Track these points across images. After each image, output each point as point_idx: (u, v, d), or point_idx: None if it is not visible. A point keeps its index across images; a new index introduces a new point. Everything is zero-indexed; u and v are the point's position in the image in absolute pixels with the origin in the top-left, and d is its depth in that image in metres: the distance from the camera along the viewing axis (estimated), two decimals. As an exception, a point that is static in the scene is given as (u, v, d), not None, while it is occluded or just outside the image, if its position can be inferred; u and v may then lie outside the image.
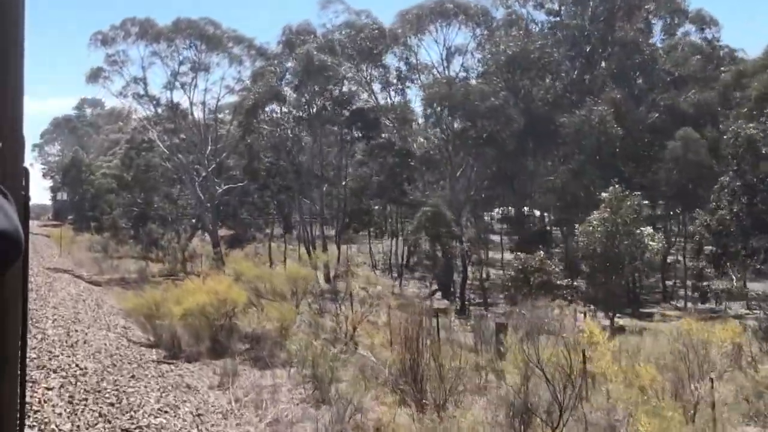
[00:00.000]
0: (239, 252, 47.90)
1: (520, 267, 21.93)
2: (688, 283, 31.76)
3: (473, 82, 30.23)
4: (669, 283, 33.75)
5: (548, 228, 33.30)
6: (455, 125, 29.16)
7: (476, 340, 15.00)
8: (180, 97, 39.71)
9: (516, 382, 10.24)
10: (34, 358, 12.97)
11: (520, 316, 15.48)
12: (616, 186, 22.93)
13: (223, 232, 58.51)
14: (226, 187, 42.04)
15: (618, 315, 22.83)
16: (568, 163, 28.12)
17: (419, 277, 41.54)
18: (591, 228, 21.91)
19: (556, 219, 32.02)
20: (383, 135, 33.57)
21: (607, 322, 21.49)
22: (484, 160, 28.74)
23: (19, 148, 1.74)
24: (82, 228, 79.32)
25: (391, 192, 33.83)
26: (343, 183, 34.53)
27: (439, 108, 28.20)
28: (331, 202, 35.11)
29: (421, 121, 34.42)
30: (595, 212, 22.64)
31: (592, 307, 21.78)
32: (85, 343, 15.85)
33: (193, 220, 51.95)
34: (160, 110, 39.25)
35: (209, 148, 39.47)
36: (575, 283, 22.22)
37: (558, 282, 20.71)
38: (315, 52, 30.35)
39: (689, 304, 29.80)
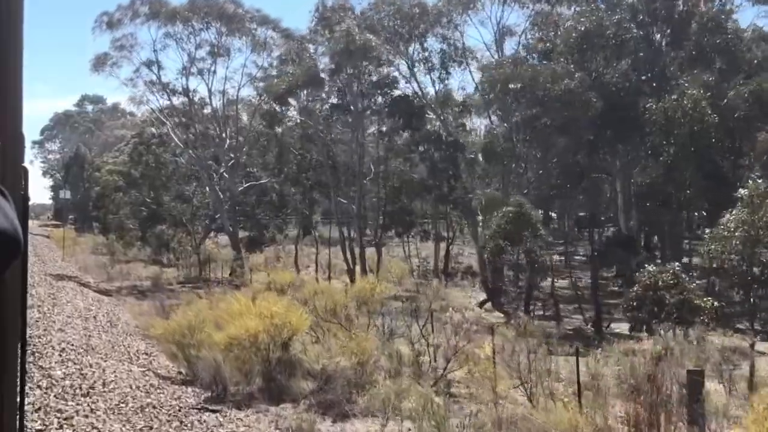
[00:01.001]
0: (259, 255, 44.08)
1: (649, 282, 18.02)
2: None
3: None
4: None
5: (636, 233, 29.47)
6: (517, 113, 25.23)
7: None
8: (197, 85, 35.74)
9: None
10: (40, 419, 9.13)
11: (683, 349, 11.69)
12: (758, 180, 19.15)
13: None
14: (248, 184, 38.15)
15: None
16: (656, 156, 24.26)
17: (459, 284, 37.70)
18: (727, 233, 18.01)
19: (641, 221, 28.22)
20: (426, 126, 29.73)
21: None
22: (555, 152, 24.98)
23: (18, 147, 1.74)
24: (84, 228, 75.55)
25: (436, 189, 30.02)
26: (382, 179, 30.69)
27: (501, 93, 24.40)
28: (365, 201, 31.16)
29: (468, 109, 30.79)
30: (728, 212, 18.75)
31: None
32: (104, 386, 11.96)
33: (206, 221, 48.05)
34: (174, 99, 35.37)
35: (228, 141, 35.59)
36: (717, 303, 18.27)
37: (697, 302, 16.91)
38: (356, 30, 26.50)
39: None
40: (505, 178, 26.24)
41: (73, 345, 14.96)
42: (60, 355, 13.53)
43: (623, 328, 27.02)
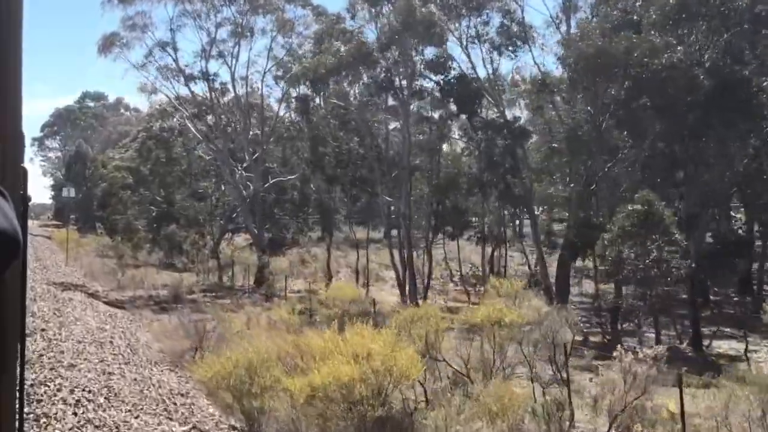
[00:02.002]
0: (281, 259, 40.25)
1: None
2: None
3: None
4: None
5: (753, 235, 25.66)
6: (608, 93, 21.19)
7: None
8: (217, 68, 31.83)
9: None
10: None
11: None
12: None
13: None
14: (274, 180, 34.23)
15: None
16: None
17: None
18: None
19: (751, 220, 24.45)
20: (480, 112, 25.82)
21: None
22: (653, 139, 21.07)
23: (17, 147, 1.74)
24: (87, 229, 71.55)
25: (493, 185, 26.22)
26: (432, 173, 26.80)
27: (588, 69, 20.52)
28: (410, 199, 27.20)
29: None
30: None
31: None
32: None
33: (221, 221, 44.20)
34: (192, 86, 31.37)
35: (252, 133, 31.66)
36: None
37: None
38: (417, 2, 22.61)
39: None
40: (589, 169, 22.29)
41: (90, 391, 11.10)
42: (75, 413, 9.68)
43: (727, 347, 23.15)
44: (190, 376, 15.21)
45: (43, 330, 15.74)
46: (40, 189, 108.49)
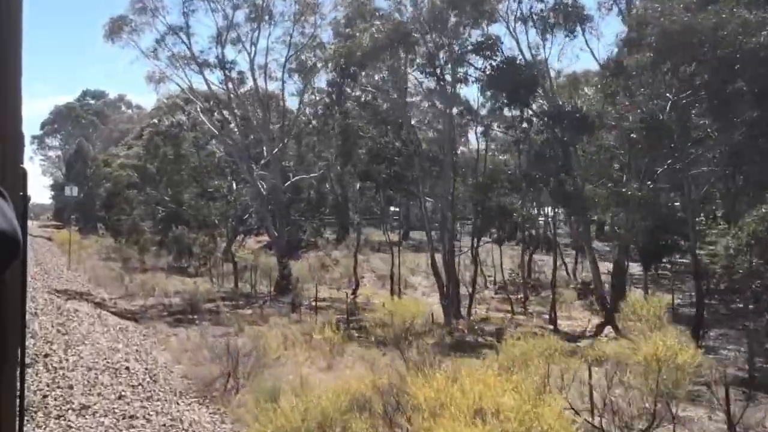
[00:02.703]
0: (299, 263, 37.61)
1: None
2: None
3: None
4: None
5: None
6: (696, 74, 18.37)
7: None
8: (235, 55, 29.07)
9: None
10: None
11: None
12: None
13: (261, 237, 48.17)
14: (296, 178, 31.43)
15: None
16: None
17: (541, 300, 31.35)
18: None
19: None
20: (532, 101, 23.11)
21: None
22: (748, 128, 18.40)
23: (17, 147, 1.76)
24: (88, 230, 68.78)
25: (545, 182, 23.57)
26: (474, 170, 24.18)
27: (665, 48, 17.88)
28: (448, 199, 24.44)
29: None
30: None
31: None
32: None
33: (232, 222, 41.55)
34: (207, 74, 28.61)
35: (272, 126, 28.89)
36: None
37: None
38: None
39: None
40: (678, 159, 19.39)
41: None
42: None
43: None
44: (225, 411, 12.58)
45: (47, 356, 13.11)
46: (39, 189, 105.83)
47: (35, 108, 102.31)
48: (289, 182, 30.50)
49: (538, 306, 29.60)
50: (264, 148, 29.72)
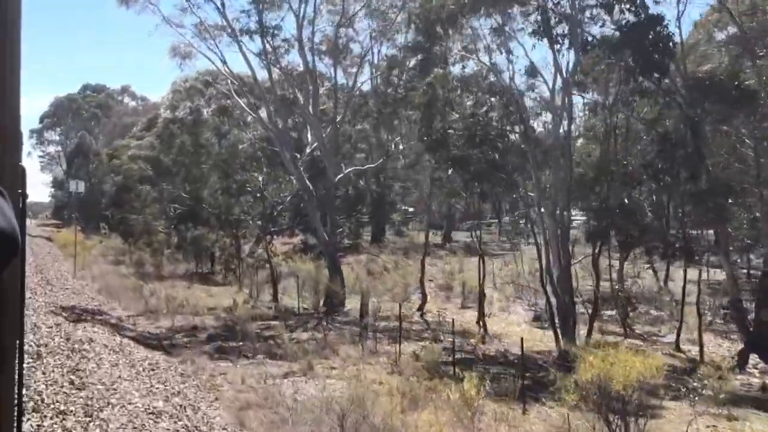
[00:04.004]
0: (345, 270, 32.62)
1: None
2: None
3: None
4: None
5: None
6: None
7: None
8: (279, 20, 23.75)
9: None
10: None
11: None
12: None
13: (284, 238, 43.06)
14: (351, 169, 26.25)
15: None
16: None
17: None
18: None
19: None
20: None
21: None
22: None
23: (15, 145, 1.75)
24: (90, 229, 63.41)
25: (674, 174, 18.58)
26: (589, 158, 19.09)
27: None
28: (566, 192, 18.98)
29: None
30: None
31: None
32: None
33: (258, 221, 36.53)
34: (245, 40, 23.14)
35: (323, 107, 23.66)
36: None
37: None
38: None
39: None
40: None
41: None
42: None
43: None
44: None
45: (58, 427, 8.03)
46: (37, 186, 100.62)
47: (34, 107, 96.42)
48: (342, 174, 25.29)
49: (647, 326, 24.57)
50: (309, 133, 24.51)
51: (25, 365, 1.94)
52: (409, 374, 14.28)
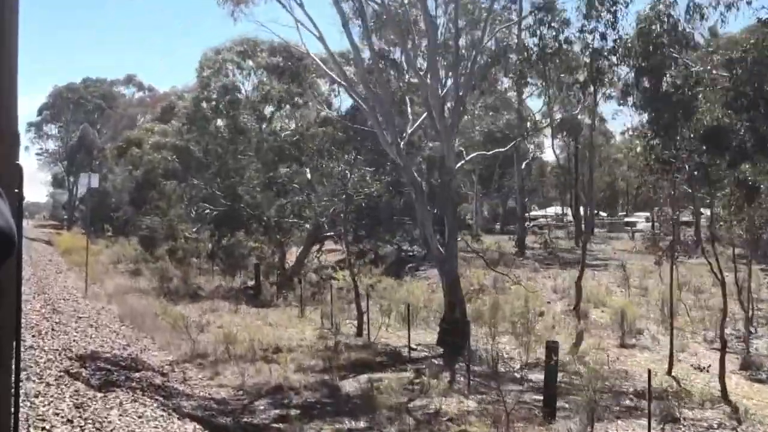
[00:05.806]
0: (414, 284, 25.95)
1: None
2: None
3: None
4: None
5: None
6: None
7: None
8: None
9: None
10: None
11: None
12: None
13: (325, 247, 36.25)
14: (475, 154, 19.33)
15: None
16: None
17: None
18: None
19: None
20: None
21: None
22: None
23: (12, 145, 1.72)
24: (95, 231, 56.38)
25: None
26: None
27: None
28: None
29: None
30: None
31: None
32: None
33: (306, 225, 29.92)
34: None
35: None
36: None
37: None
38: None
39: None
40: None
41: None
42: None
43: None
44: None
45: None
46: (35, 185, 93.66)
47: (32, 107, 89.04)
48: (463, 161, 18.34)
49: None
50: (409, 109, 17.49)
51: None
52: None
